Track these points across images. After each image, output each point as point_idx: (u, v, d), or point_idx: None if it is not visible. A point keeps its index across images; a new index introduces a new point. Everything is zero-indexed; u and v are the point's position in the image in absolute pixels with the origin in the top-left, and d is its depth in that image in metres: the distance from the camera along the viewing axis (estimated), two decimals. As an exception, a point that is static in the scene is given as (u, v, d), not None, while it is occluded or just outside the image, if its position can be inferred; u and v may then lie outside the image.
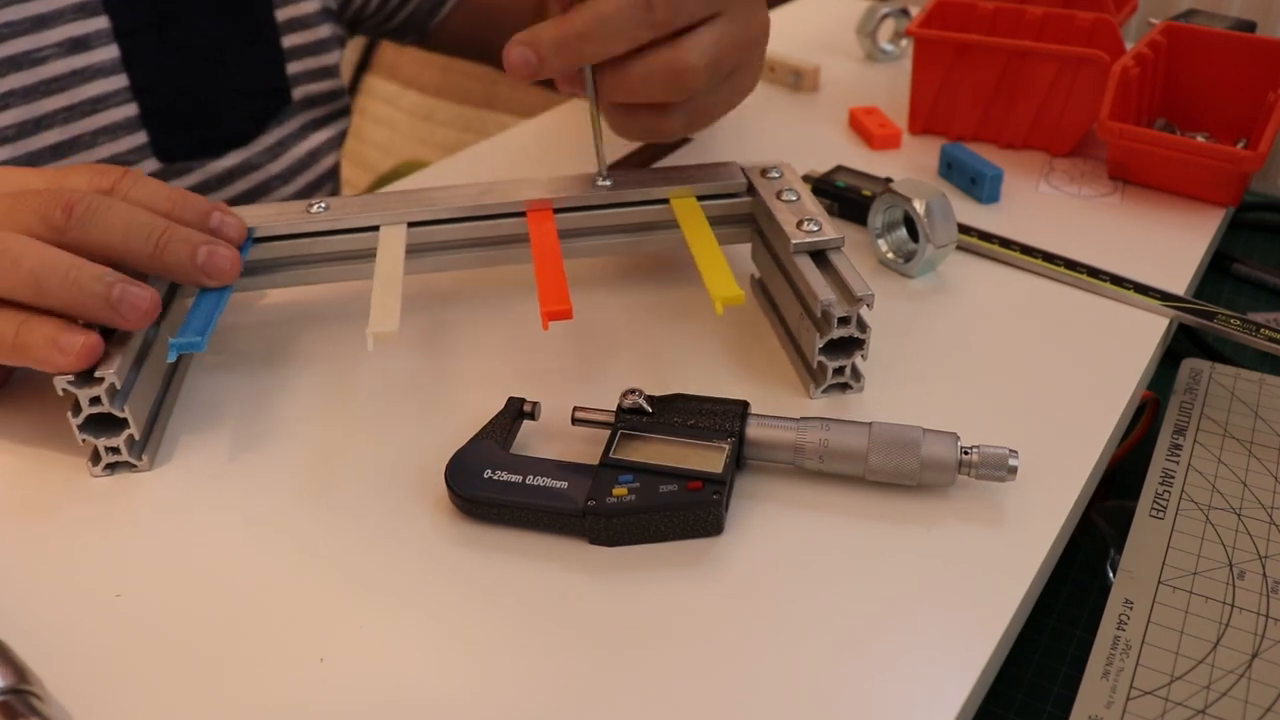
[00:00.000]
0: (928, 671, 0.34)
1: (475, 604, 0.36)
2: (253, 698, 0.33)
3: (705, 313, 0.50)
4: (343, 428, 0.44)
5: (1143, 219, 0.59)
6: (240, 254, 0.45)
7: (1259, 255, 0.63)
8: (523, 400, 0.42)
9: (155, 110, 0.63)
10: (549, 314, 0.41)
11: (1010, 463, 0.39)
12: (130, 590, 0.37)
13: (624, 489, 0.38)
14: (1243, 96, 0.63)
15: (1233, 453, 0.46)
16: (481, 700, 0.33)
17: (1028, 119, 0.66)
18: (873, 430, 0.40)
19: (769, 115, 0.73)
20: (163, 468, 0.42)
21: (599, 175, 0.50)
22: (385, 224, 0.48)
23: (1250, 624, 0.38)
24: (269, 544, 0.39)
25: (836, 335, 0.43)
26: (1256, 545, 0.41)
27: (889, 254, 0.54)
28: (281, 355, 0.49)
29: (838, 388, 0.45)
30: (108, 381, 0.39)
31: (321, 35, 0.71)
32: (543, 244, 0.46)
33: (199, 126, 0.66)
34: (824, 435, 0.39)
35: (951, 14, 0.69)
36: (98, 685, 0.34)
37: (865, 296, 0.42)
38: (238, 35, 0.66)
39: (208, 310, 0.43)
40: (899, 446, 0.39)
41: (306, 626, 0.36)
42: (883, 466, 0.39)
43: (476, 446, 0.40)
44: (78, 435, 0.41)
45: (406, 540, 0.39)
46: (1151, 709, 0.35)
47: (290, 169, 0.72)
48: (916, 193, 0.52)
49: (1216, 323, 0.49)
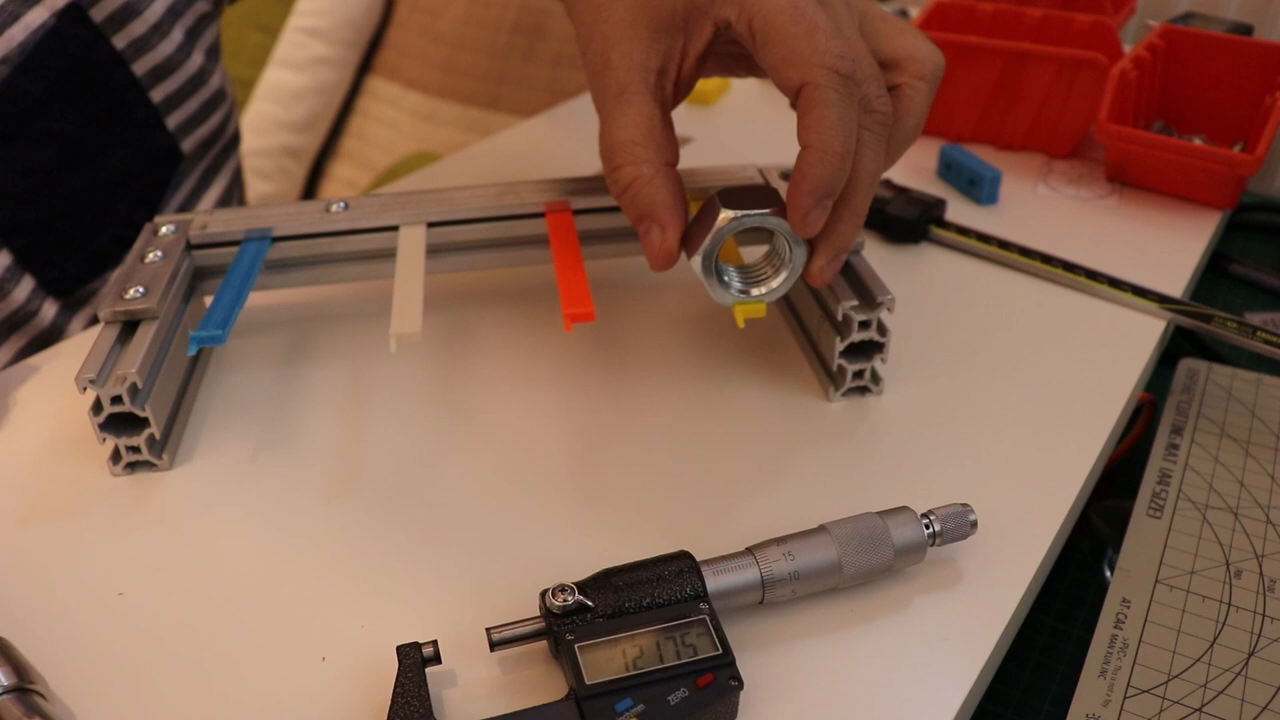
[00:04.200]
0: (928, 671, 0.34)
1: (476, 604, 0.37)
2: (254, 696, 0.33)
3: (724, 316, 0.51)
4: (363, 428, 0.44)
5: (1140, 221, 0.59)
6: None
7: (1256, 255, 0.63)
8: (415, 645, 0.32)
9: (30, 246, 0.56)
10: (571, 316, 0.41)
11: (970, 518, 0.37)
12: (139, 589, 0.37)
13: (632, 719, 0.31)
14: (1240, 99, 0.63)
15: (1230, 452, 0.46)
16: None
17: (1026, 121, 0.66)
18: (833, 533, 0.36)
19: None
20: (183, 467, 0.43)
21: None
22: (405, 224, 0.48)
23: (1247, 622, 0.38)
24: (283, 544, 0.39)
25: (857, 339, 0.43)
26: (1253, 544, 0.41)
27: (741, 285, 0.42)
28: (301, 355, 0.49)
29: (857, 391, 0.45)
30: (129, 380, 0.40)
31: (191, 69, 0.63)
32: (563, 245, 0.46)
33: (87, 239, 0.59)
34: (790, 565, 0.35)
35: (950, 16, 0.69)
36: (101, 684, 0.34)
37: (886, 300, 0.43)
38: (96, 114, 0.59)
39: (228, 304, 0.43)
40: (869, 544, 0.35)
41: (308, 626, 0.36)
42: (858, 572, 0.35)
43: None
44: (98, 434, 0.41)
45: (422, 541, 0.39)
46: (1149, 707, 0.35)
47: None
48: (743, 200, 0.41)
49: (1213, 325, 0.49)
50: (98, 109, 0.59)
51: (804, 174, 0.38)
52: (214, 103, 0.67)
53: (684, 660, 0.32)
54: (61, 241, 0.59)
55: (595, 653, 0.32)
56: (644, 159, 0.40)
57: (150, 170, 0.62)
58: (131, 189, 0.62)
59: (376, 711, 0.33)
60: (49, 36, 0.55)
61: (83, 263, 0.60)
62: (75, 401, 0.45)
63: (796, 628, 0.35)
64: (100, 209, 0.60)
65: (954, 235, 0.56)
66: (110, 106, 0.59)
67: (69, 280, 0.60)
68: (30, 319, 0.59)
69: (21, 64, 0.55)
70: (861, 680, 0.34)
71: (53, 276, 0.59)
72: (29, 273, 0.57)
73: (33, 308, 0.58)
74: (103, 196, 0.60)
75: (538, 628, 0.33)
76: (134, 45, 0.60)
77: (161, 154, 0.63)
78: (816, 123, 0.37)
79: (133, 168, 0.61)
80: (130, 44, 0.59)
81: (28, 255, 0.57)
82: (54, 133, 0.57)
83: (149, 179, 0.63)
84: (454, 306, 0.52)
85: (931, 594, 0.36)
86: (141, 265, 0.45)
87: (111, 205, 0.61)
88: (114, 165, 0.60)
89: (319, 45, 1.52)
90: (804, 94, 0.37)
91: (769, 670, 0.34)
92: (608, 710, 0.31)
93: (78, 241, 0.60)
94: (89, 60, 0.57)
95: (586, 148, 0.68)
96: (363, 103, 1.59)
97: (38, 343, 0.59)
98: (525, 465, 0.42)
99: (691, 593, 0.34)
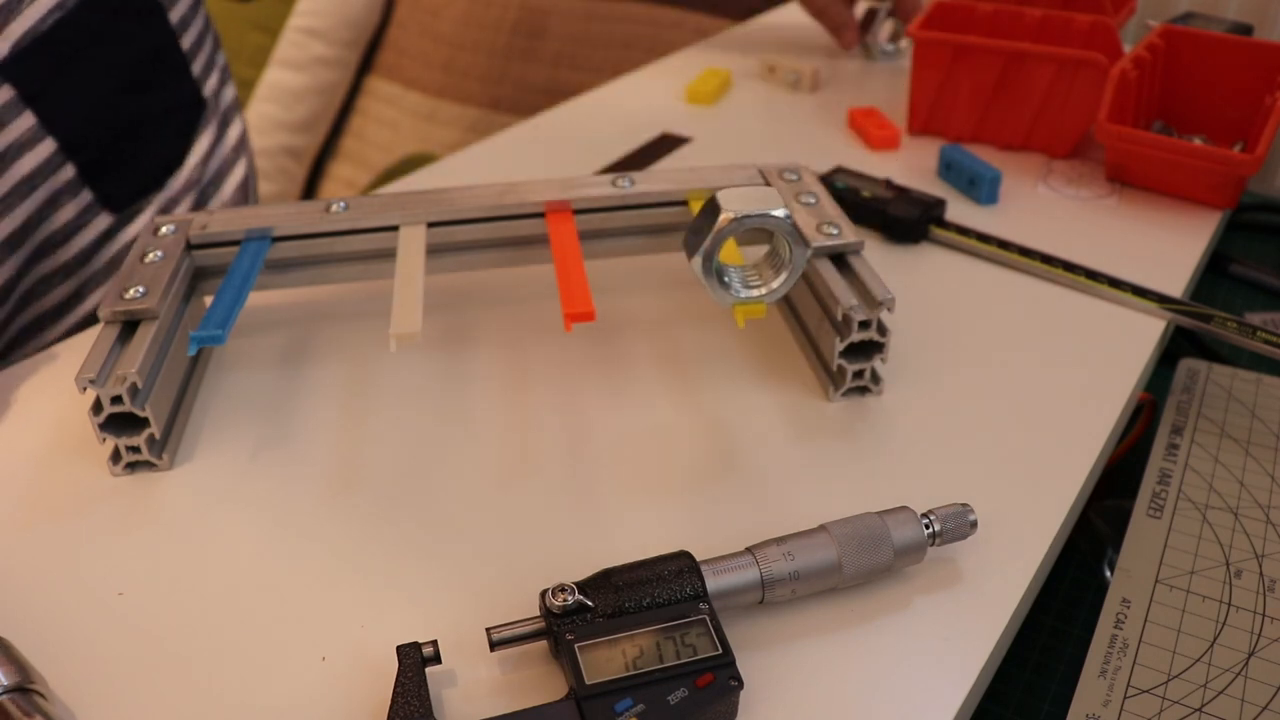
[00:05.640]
0: (928, 671, 0.34)
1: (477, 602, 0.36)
2: (253, 696, 0.33)
3: (724, 315, 0.51)
4: (363, 428, 0.44)
5: (1140, 221, 0.59)
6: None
7: (1256, 255, 0.63)
8: (415, 645, 0.32)
9: (90, 162, 0.62)
10: (572, 316, 0.41)
11: (970, 518, 0.37)
12: (138, 589, 0.37)
13: (632, 719, 0.31)
14: (1240, 99, 0.63)
15: (1230, 452, 0.46)
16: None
17: (1026, 121, 0.66)
18: (833, 533, 0.36)
19: (769, 116, 0.74)
20: (183, 466, 0.43)
21: (618, 176, 0.50)
22: (405, 224, 0.48)
23: (1247, 622, 0.38)
24: (283, 543, 0.39)
25: (857, 339, 0.43)
26: (1253, 544, 0.41)
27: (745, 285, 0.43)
28: (301, 355, 0.49)
29: (857, 391, 0.45)
30: (129, 380, 0.40)
31: (199, 26, 0.71)
32: (563, 245, 0.46)
33: (136, 163, 0.65)
34: (790, 565, 0.35)
35: (950, 16, 0.69)
36: (101, 684, 0.34)
37: (886, 300, 0.43)
38: (143, 52, 0.65)
39: (228, 304, 0.43)
40: (869, 544, 0.35)
41: (308, 626, 0.36)
42: (858, 572, 0.35)
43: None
44: (98, 434, 0.41)
45: (422, 541, 0.39)
46: (1149, 707, 0.35)
47: (219, 173, 0.72)
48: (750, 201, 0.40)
49: (1213, 325, 0.49)
50: (145, 48, 0.66)
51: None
52: (213, 58, 0.74)
53: (684, 660, 0.32)
54: (115, 161, 0.65)
55: (595, 653, 0.32)
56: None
57: (184, 109, 0.70)
58: (172, 122, 0.69)
59: (376, 711, 0.33)
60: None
61: (134, 182, 0.66)
62: (75, 401, 0.45)
63: (796, 628, 0.35)
64: (148, 136, 0.67)
65: (954, 235, 0.56)
66: (154, 48, 0.67)
67: (121, 196, 0.65)
68: (85, 227, 0.63)
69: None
70: (861, 680, 0.34)
71: (108, 191, 0.64)
72: (88, 185, 0.63)
73: (88, 218, 0.64)
74: (150, 125, 0.67)
75: (538, 628, 0.33)
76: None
77: (190, 97, 0.70)
78: None
79: (172, 104, 0.69)
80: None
81: (90, 170, 0.63)
82: (112, 63, 0.64)
83: (184, 117, 0.70)
84: (454, 306, 0.52)
85: (931, 594, 0.36)
86: (141, 265, 0.45)
87: (157, 134, 0.68)
88: (158, 99, 0.67)
89: (319, 45, 1.52)
90: None
91: (769, 670, 0.34)
92: (608, 710, 0.30)
93: (130, 163, 0.66)
94: (137, 5, 0.65)
95: (587, 148, 0.69)
96: (363, 103, 1.59)
97: (90, 249, 0.64)
98: (525, 465, 0.42)
99: (691, 592, 0.34)
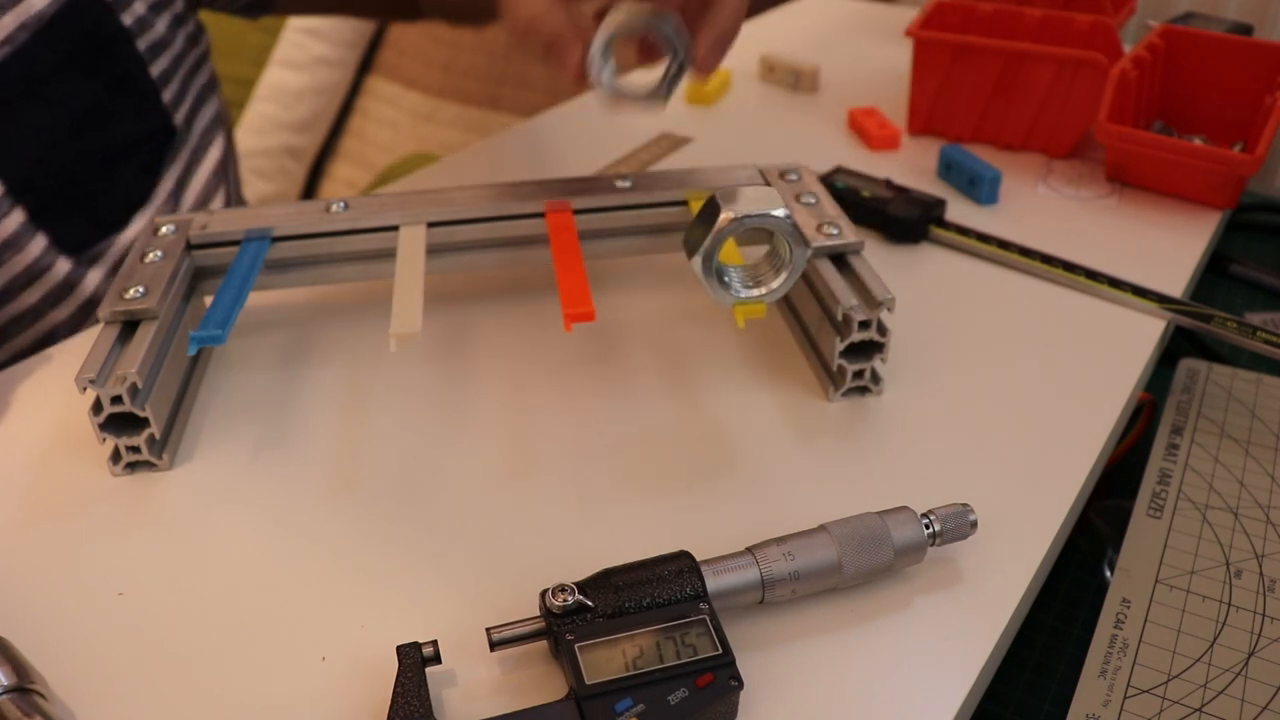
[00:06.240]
0: (928, 671, 0.34)
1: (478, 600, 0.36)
2: (253, 696, 0.33)
3: (724, 315, 0.51)
4: (363, 428, 0.44)
5: (1140, 221, 0.59)
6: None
7: (1256, 255, 0.63)
8: (415, 645, 0.32)
9: (42, 206, 0.59)
10: (571, 316, 0.41)
11: (970, 518, 0.37)
12: (138, 589, 0.37)
13: (632, 719, 0.30)
14: (1240, 99, 0.63)
15: (1230, 452, 0.46)
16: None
17: (1026, 121, 0.66)
18: (833, 533, 0.36)
19: (768, 116, 0.74)
20: (183, 466, 0.43)
21: (618, 176, 0.50)
22: (405, 224, 0.48)
23: (1247, 622, 0.38)
24: (283, 543, 0.39)
25: (857, 339, 0.43)
26: (1253, 544, 0.41)
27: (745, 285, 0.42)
28: (301, 354, 0.49)
29: (857, 391, 0.45)
30: (129, 380, 0.40)
31: (177, 49, 0.67)
32: (563, 245, 0.46)
33: (95, 203, 0.62)
34: (790, 565, 0.35)
35: (950, 16, 0.69)
36: (101, 684, 0.34)
37: (886, 300, 0.43)
38: (104, 85, 0.61)
39: (228, 304, 0.43)
40: (869, 544, 0.35)
41: (308, 626, 0.36)
42: (858, 572, 0.35)
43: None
44: (98, 434, 0.41)
45: (422, 541, 0.39)
46: (1149, 707, 0.35)
47: (194, 204, 0.69)
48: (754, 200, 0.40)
49: (1213, 325, 0.49)
50: (107, 79, 0.62)
51: (716, 23, 0.44)
52: (190, 79, 0.70)
53: (684, 660, 0.32)
54: (71, 203, 0.62)
55: (595, 653, 0.32)
56: (541, 3, 0.44)
57: (151, 140, 0.66)
58: (136, 157, 0.65)
59: (376, 711, 0.33)
60: (66, 8, 0.59)
61: (91, 224, 0.63)
62: (75, 401, 0.45)
63: (796, 628, 0.35)
64: (107, 174, 0.64)
65: (954, 235, 0.56)
66: (118, 78, 0.63)
67: (78, 240, 0.62)
68: (45, 273, 0.61)
69: (40, 31, 0.57)
70: (861, 680, 0.34)
71: (63, 235, 0.62)
72: (41, 230, 0.60)
73: (46, 263, 0.61)
74: (109, 162, 0.63)
75: (538, 628, 0.33)
76: (138, 22, 0.63)
77: (160, 126, 0.66)
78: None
79: (136, 137, 0.65)
80: (135, 20, 0.63)
81: (39, 214, 0.60)
82: (66, 99, 0.60)
83: (150, 149, 0.66)
84: (454, 306, 0.52)
85: (931, 594, 0.36)
86: (141, 265, 0.45)
87: (118, 171, 0.64)
88: (121, 133, 0.64)
89: (319, 45, 1.52)
90: None
91: (769, 670, 0.34)
92: (608, 710, 0.30)
93: (86, 204, 0.63)
94: (100, 33, 0.61)
95: (587, 148, 0.69)
96: (363, 102, 1.59)
97: (53, 296, 0.62)
98: (525, 465, 0.42)
99: (691, 593, 0.34)
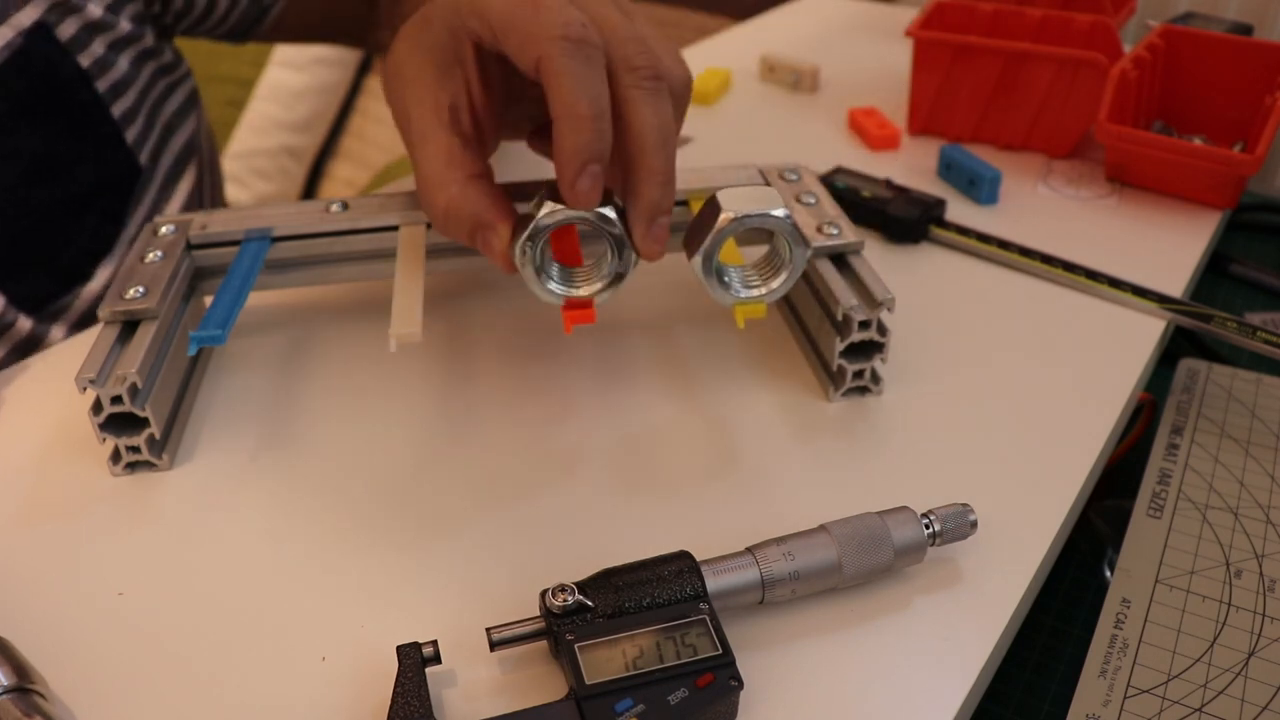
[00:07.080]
0: (928, 671, 0.34)
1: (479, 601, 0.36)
2: (253, 696, 0.33)
3: (724, 315, 0.51)
4: (363, 428, 0.44)
5: (1140, 221, 0.59)
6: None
7: (1256, 255, 0.63)
8: (415, 645, 0.32)
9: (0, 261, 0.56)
10: (572, 317, 0.41)
11: (970, 518, 0.37)
12: (138, 589, 0.37)
13: (632, 719, 0.31)
14: (1240, 99, 0.63)
15: (1230, 452, 0.46)
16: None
17: (1026, 121, 0.66)
18: (833, 533, 0.36)
19: (768, 115, 0.74)
20: (183, 466, 0.43)
21: None
22: (405, 224, 0.48)
23: (1247, 622, 0.38)
24: (283, 543, 0.39)
25: (857, 339, 0.43)
26: (1253, 544, 0.41)
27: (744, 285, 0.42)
28: (301, 355, 0.49)
29: (857, 391, 0.45)
30: (129, 380, 0.40)
31: (142, 84, 0.63)
32: (563, 245, 0.46)
33: (54, 255, 0.59)
34: (790, 565, 0.35)
35: (950, 16, 0.69)
36: (101, 684, 0.34)
37: (886, 300, 0.43)
38: (61, 131, 0.58)
39: (228, 304, 0.43)
40: (869, 544, 0.35)
41: (308, 626, 0.36)
42: (858, 572, 0.35)
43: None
44: (98, 434, 0.41)
45: (422, 541, 0.39)
46: (1149, 707, 0.35)
47: None
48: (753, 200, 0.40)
49: (1213, 325, 0.49)
50: (64, 126, 0.59)
51: (559, 145, 0.37)
52: (158, 110, 0.66)
53: (684, 660, 0.32)
54: (29, 258, 0.59)
55: (595, 653, 0.32)
56: (449, 180, 0.41)
57: (115, 184, 0.62)
58: (98, 204, 0.61)
59: (376, 711, 0.33)
60: (16, 56, 0.55)
61: (52, 278, 0.60)
62: (75, 402, 0.45)
63: (796, 628, 0.35)
64: (68, 225, 0.60)
65: (954, 235, 0.56)
66: (76, 123, 0.59)
67: (40, 296, 0.60)
68: (7, 330, 0.59)
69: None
70: (861, 680, 0.34)
71: (23, 292, 0.59)
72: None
73: (8, 320, 0.59)
74: (70, 212, 0.60)
75: (538, 628, 0.33)
76: (97, 63, 0.60)
77: (124, 168, 0.62)
78: (555, 91, 0.37)
79: (98, 183, 0.61)
80: (94, 62, 0.59)
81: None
82: (20, 150, 0.57)
83: (114, 193, 0.62)
84: (454, 306, 0.52)
85: (931, 594, 0.36)
86: (141, 265, 0.45)
87: (79, 221, 0.61)
88: (80, 181, 0.60)
89: (319, 45, 1.52)
90: (540, 69, 0.37)
91: (769, 670, 0.34)
92: (608, 710, 0.30)
93: (46, 258, 0.60)
94: (56, 78, 0.57)
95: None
96: (363, 102, 1.59)
97: (17, 351, 0.59)
98: (525, 465, 0.42)
99: (691, 593, 0.34)
